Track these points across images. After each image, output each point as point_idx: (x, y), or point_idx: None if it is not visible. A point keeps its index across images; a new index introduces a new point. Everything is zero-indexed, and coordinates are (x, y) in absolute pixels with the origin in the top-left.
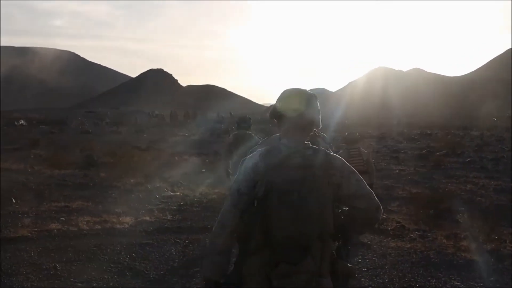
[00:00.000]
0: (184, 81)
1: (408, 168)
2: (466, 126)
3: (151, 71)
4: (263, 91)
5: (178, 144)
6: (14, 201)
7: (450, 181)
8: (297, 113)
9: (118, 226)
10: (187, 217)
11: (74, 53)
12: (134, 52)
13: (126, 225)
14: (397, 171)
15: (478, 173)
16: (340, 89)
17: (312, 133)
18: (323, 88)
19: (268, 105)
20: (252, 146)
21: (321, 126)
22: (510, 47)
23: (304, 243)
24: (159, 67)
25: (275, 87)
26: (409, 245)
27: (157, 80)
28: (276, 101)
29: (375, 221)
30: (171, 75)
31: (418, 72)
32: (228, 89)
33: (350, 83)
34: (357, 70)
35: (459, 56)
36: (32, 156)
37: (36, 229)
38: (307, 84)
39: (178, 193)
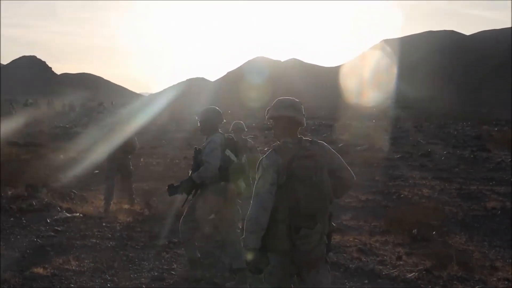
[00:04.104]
0: (58, 69)
1: None
2: (352, 116)
3: (23, 58)
4: (139, 80)
5: (60, 137)
6: None
7: (396, 184)
8: (291, 117)
9: None
10: (101, 261)
11: None
12: (6, 39)
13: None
14: None
15: (422, 173)
16: (219, 79)
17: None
18: (203, 78)
19: (146, 94)
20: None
21: (305, 125)
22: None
23: (319, 213)
24: (32, 54)
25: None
26: None
27: (30, 68)
28: (272, 108)
29: (351, 187)
30: (44, 62)
31: (296, 62)
32: (105, 77)
33: (229, 73)
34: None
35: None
36: None
37: None
38: (186, 74)
39: (77, 213)
